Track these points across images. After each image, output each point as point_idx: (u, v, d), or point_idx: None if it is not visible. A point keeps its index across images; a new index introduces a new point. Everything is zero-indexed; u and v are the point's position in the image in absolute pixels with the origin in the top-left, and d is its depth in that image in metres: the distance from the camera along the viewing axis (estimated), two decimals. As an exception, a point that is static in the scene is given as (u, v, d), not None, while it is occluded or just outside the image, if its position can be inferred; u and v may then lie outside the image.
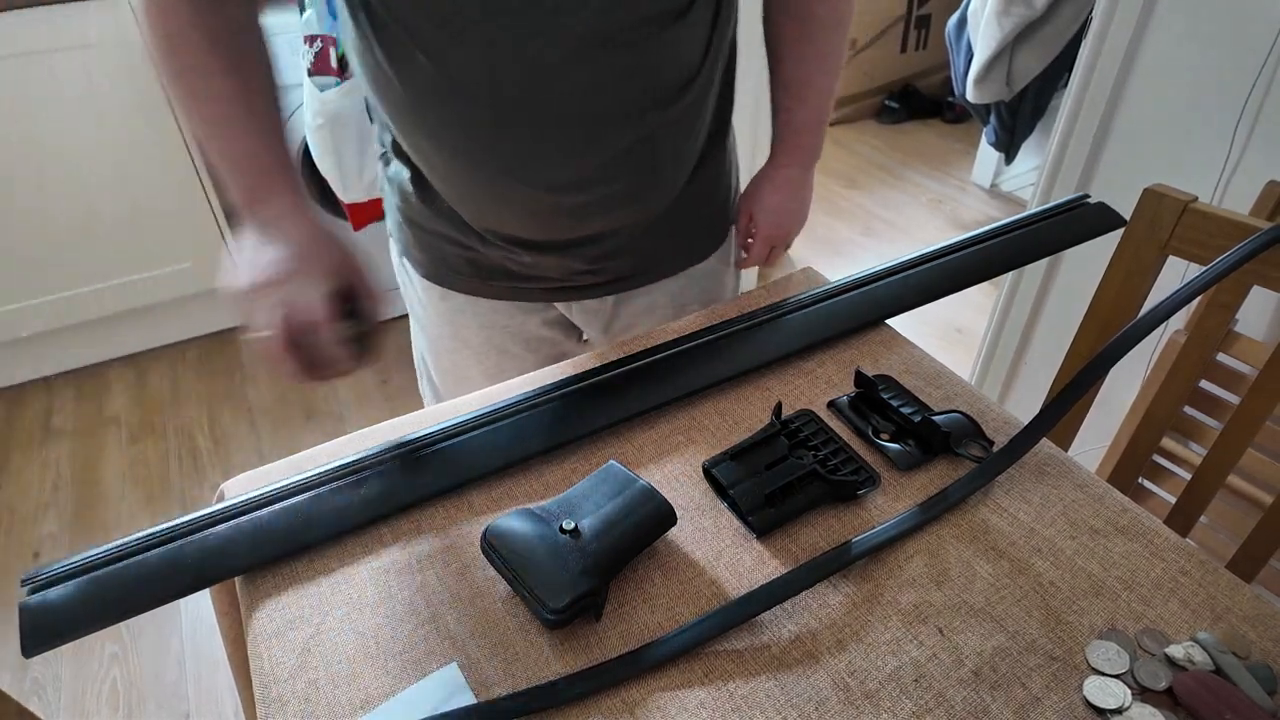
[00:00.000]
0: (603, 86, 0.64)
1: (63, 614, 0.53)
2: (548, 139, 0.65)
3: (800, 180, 0.85)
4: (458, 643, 0.52)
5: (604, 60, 0.62)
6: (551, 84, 0.62)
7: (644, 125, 0.67)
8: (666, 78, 0.67)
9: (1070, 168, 1.29)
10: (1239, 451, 0.80)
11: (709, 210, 0.83)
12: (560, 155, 0.66)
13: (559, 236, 0.74)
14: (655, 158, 0.71)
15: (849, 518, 0.59)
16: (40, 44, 1.59)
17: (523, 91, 0.62)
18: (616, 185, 0.70)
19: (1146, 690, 0.48)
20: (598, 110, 0.65)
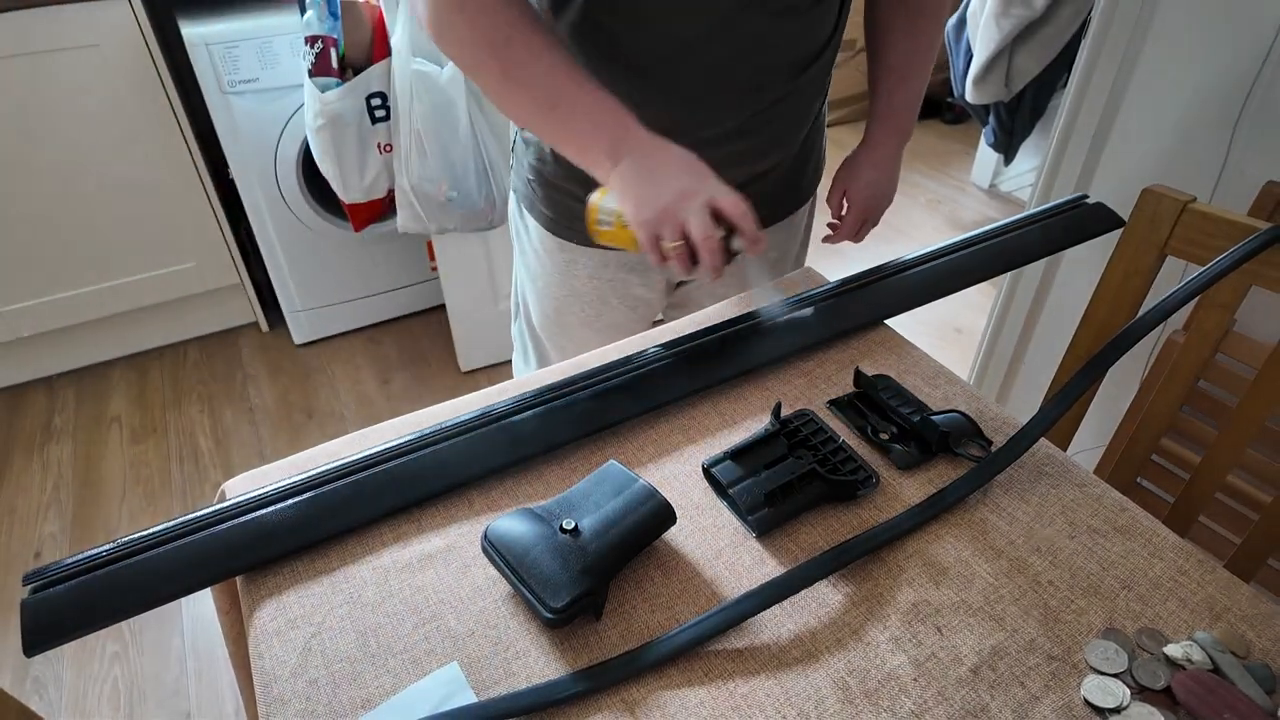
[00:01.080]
0: (761, 50, 0.72)
1: (64, 613, 0.53)
2: (705, 97, 0.74)
3: (895, 158, 0.93)
4: (458, 642, 0.52)
5: (765, 28, 0.71)
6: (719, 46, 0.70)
7: (781, 89, 0.76)
8: (805, 49, 0.76)
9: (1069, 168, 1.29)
10: (1237, 451, 0.80)
11: (806, 171, 0.92)
12: (711, 113, 0.75)
13: None
14: (784, 119, 0.80)
15: (848, 517, 0.60)
16: (43, 44, 1.59)
17: (693, 53, 0.70)
18: (751, 141, 0.79)
19: (1145, 689, 0.48)
20: (749, 72, 0.74)
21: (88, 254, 1.84)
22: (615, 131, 0.63)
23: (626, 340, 0.77)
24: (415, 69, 1.48)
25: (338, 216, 1.90)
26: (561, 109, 0.64)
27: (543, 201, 0.87)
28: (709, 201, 0.61)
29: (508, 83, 0.65)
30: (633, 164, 0.63)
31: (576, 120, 0.64)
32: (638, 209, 0.62)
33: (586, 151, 0.65)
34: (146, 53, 1.68)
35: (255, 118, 1.72)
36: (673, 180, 0.62)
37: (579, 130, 0.65)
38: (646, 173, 0.62)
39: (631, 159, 0.63)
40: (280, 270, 1.95)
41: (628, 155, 0.63)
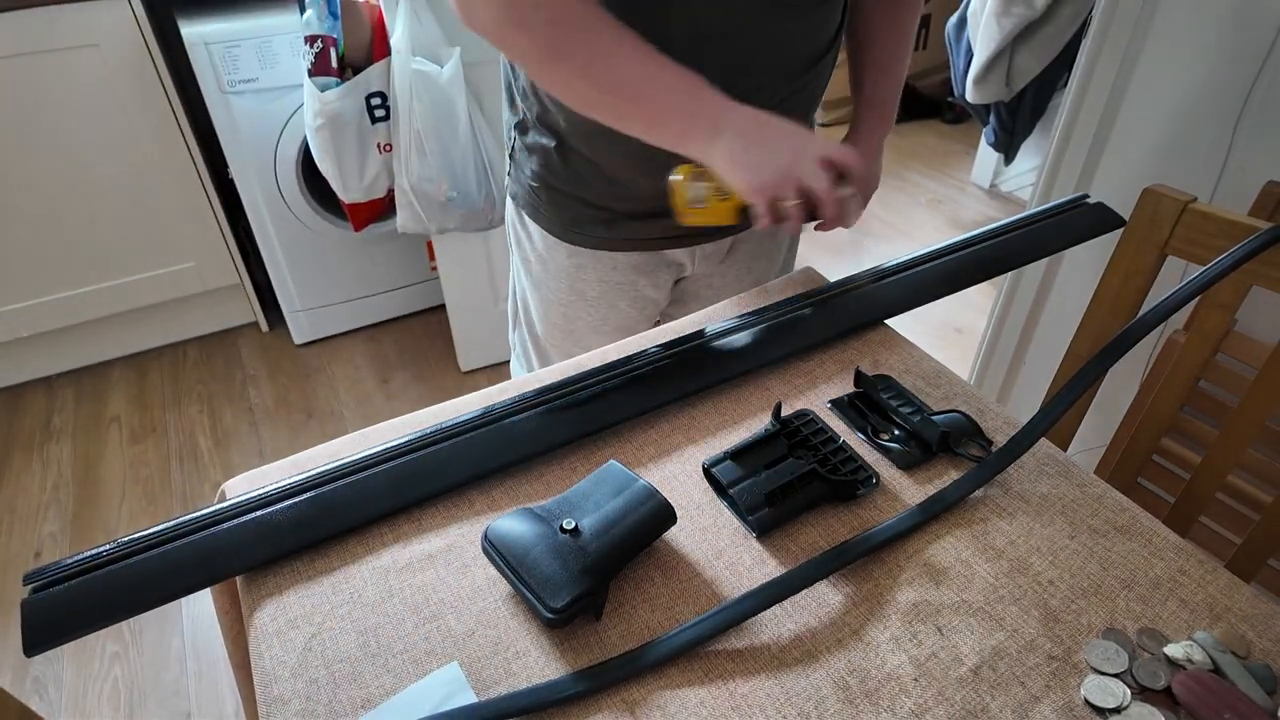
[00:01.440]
0: (774, 48, 0.73)
1: (64, 613, 0.53)
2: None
3: (880, 147, 0.95)
4: (458, 642, 0.52)
5: (779, 26, 0.72)
6: (739, 40, 0.71)
7: (785, 89, 0.77)
8: (813, 47, 0.77)
9: (1069, 168, 1.29)
10: (1238, 451, 0.80)
11: None
12: None
13: None
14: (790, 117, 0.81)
15: (848, 517, 0.60)
16: (43, 44, 1.59)
17: (712, 48, 0.70)
18: None
19: (1145, 689, 0.48)
20: (761, 70, 0.74)
21: (87, 254, 1.84)
22: (710, 107, 0.63)
23: (626, 340, 0.77)
24: (415, 68, 1.48)
25: (337, 216, 1.90)
26: (652, 95, 0.63)
27: (549, 206, 0.86)
28: (821, 156, 0.63)
29: (589, 77, 0.63)
30: (736, 135, 0.63)
31: (669, 104, 0.64)
32: (754, 175, 0.63)
33: (683, 132, 0.64)
34: (146, 52, 1.68)
35: (255, 117, 1.72)
36: (781, 142, 0.64)
37: (674, 113, 0.64)
38: (754, 140, 0.63)
39: (733, 130, 0.63)
40: (280, 270, 1.95)
41: (728, 128, 0.63)
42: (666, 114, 0.64)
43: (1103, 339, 0.85)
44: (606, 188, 0.81)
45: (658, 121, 0.65)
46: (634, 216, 0.84)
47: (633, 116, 0.65)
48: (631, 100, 0.64)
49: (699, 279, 0.97)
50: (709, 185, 0.66)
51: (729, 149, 0.63)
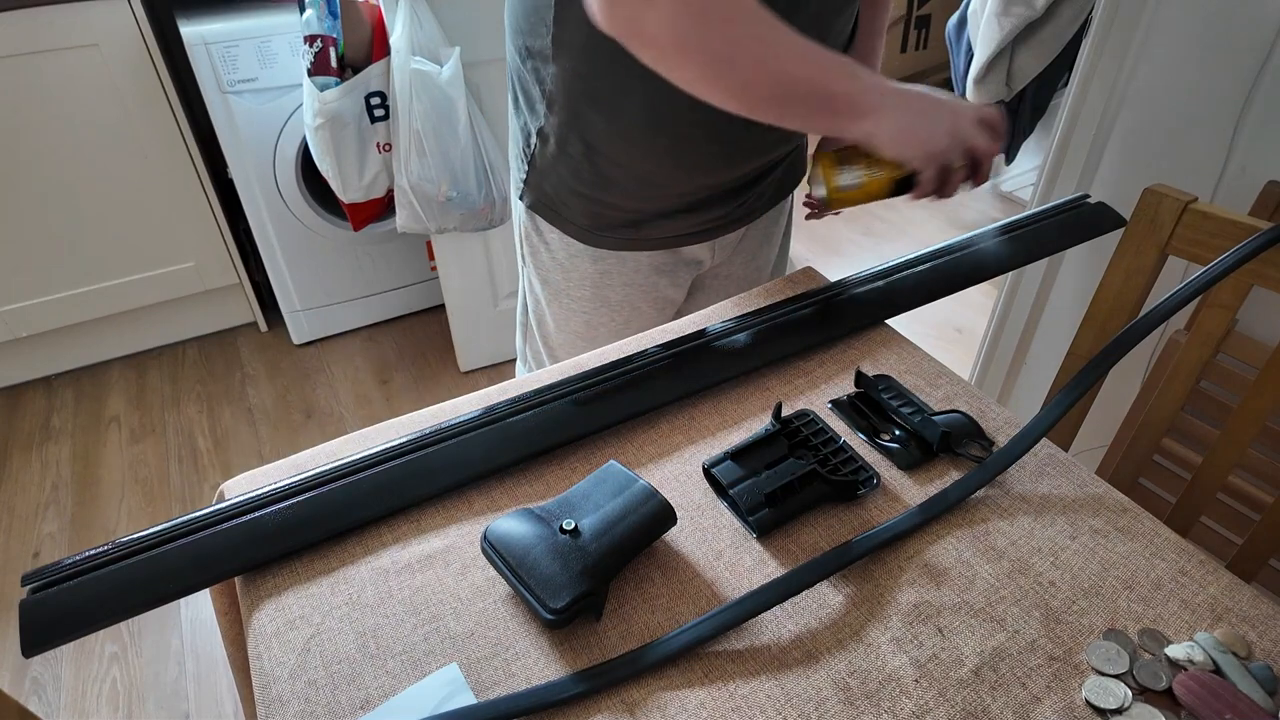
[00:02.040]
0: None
1: (63, 613, 0.53)
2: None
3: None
4: (458, 643, 0.52)
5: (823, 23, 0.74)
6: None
7: None
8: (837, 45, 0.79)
9: (1070, 168, 1.29)
10: (1240, 451, 0.80)
11: (804, 154, 0.97)
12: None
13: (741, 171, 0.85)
14: None
15: (849, 518, 0.59)
16: (42, 44, 1.59)
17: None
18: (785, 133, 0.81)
19: (1147, 690, 0.48)
20: None
21: (86, 254, 1.84)
22: (868, 88, 0.64)
23: (626, 340, 0.77)
24: (414, 68, 1.48)
25: (337, 216, 1.90)
26: (818, 83, 0.63)
27: (576, 212, 0.85)
28: (977, 117, 0.67)
29: (763, 73, 0.62)
30: (897, 109, 0.65)
31: (834, 90, 0.64)
32: (925, 146, 0.66)
33: (847, 116, 0.65)
34: (145, 52, 1.67)
35: (254, 117, 1.72)
36: (942, 111, 0.67)
37: (839, 98, 0.64)
38: (917, 113, 0.66)
39: (894, 107, 0.65)
40: (279, 270, 1.95)
41: (888, 105, 0.64)
42: (832, 100, 0.64)
43: (1104, 339, 0.85)
44: (638, 189, 0.81)
45: (824, 109, 0.65)
46: (663, 215, 0.85)
47: (798, 107, 0.64)
48: (802, 93, 0.63)
49: (710, 271, 0.98)
50: (859, 168, 0.69)
51: (894, 126, 0.65)
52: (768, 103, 0.63)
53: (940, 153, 0.66)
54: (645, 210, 0.84)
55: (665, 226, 0.86)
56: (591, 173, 0.81)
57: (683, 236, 0.88)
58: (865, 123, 0.65)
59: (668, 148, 0.77)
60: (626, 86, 0.72)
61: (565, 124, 0.79)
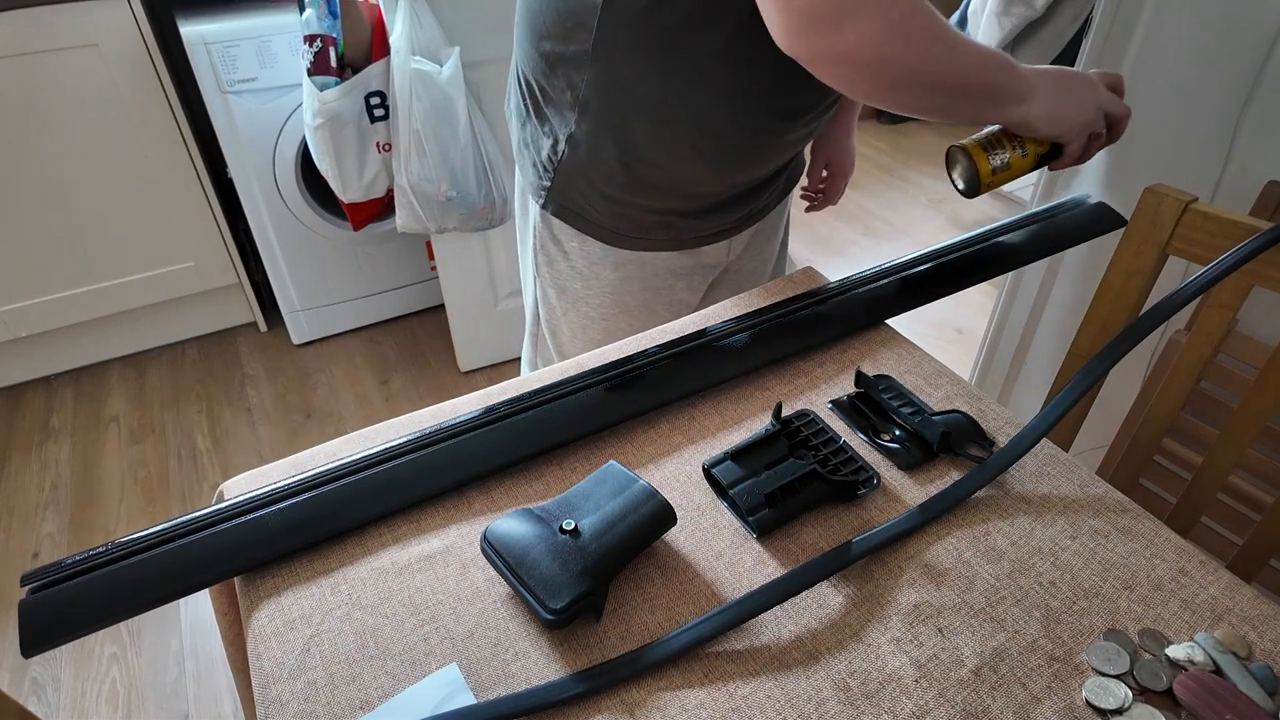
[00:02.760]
0: None
1: (62, 613, 0.53)
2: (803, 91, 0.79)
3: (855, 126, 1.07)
4: (457, 643, 0.52)
5: None
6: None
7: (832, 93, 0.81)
8: None
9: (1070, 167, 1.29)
10: (1240, 451, 0.80)
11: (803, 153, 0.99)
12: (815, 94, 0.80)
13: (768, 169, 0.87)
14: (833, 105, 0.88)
15: (849, 518, 0.59)
16: (42, 44, 1.59)
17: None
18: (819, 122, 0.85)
19: (1147, 691, 0.48)
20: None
21: (86, 254, 1.84)
22: (1018, 74, 0.68)
23: (626, 340, 0.77)
24: (414, 68, 1.48)
25: (336, 216, 1.90)
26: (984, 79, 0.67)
27: (607, 216, 0.85)
28: (1109, 83, 0.73)
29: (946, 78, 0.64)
30: (1046, 92, 0.69)
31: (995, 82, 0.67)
32: (1077, 118, 0.71)
33: (1008, 103, 0.69)
34: (145, 52, 1.67)
35: (254, 117, 1.72)
36: (1082, 84, 0.71)
37: (1001, 89, 0.68)
38: (1062, 90, 0.70)
39: (1041, 89, 0.69)
40: (279, 270, 1.95)
41: (1037, 89, 0.69)
42: (997, 92, 0.68)
43: (1104, 339, 0.85)
44: (670, 190, 0.82)
45: (990, 101, 0.68)
46: (689, 214, 0.85)
47: (967, 103, 0.68)
48: (975, 90, 0.67)
49: (720, 275, 0.98)
50: (1005, 150, 0.73)
51: (1047, 107, 0.69)
52: (942, 103, 0.67)
53: (1088, 124, 0.71)
54: (673, 210, 0.84)
55: (689, 227, 0.86)
56: (625, 176, 0.80)
57: (705, 236, 0.89)
58: (1022, 108, 0.69)
59: (711, 151, 0.78)
60: (677, 93, 0.73)
61: (599, 130, 0.78)
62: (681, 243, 0.88)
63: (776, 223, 1.00)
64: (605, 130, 0.78)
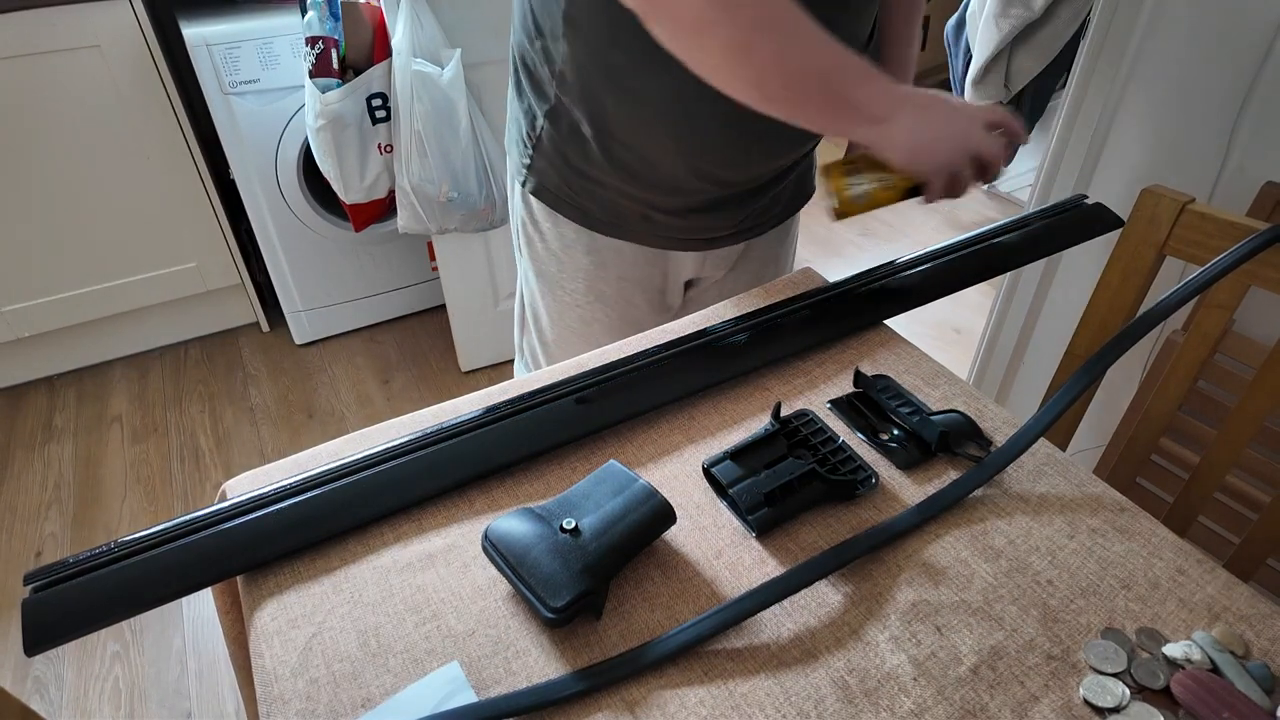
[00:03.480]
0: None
1: (65, 612, 0.53)
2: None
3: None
4: (458, 641, 0.52)
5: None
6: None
7: None
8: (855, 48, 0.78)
9: (1068, 168, 1.29)
10: (1237, 451, 0.80)
11: (811, 173, 0.96)
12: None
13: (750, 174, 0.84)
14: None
15: (848, 517, 0.60)
16: (44, 45, 1.59)
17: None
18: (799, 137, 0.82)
19: (1144, 689, 0.49)
20: None
21: (88, 254, 1.84)
22: (881, 92, 0.63)
23: (626, 340, 0.77)
24: (415, 70, 1.49)
25: (338, 217, 1.90)
26: (834, 83, 0.62)
27: (584, 198, 0.83)
28: (987, 121, 0.67)
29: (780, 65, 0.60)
30: (909, 119, 0.63)
31: (848, 91, 0.62)
32: (933, 156, 0.65)
33: (858, 120, 0.63)
34: (147, 53, 1.68)
35: (256, 118, 1.73)
36: (952, 118, 0.65)
37: (852, 101, 0.62)
38: (926, 121, 0.64)
39: (904, 114, 0.63)
40: (281, 270, 1.96)
41: (898, 112, 0.63)
42: (844, 102, 0.63)
43: (1101, 339, 0.85)
44: (646, 175, 0.80)
45: (836, 110, 0.63)
46: (665, 211, 0.84)
47: (810, 107, 0.63)
48: (815, 91, 0.62)
49: (709, 286, 0.97)
50: (869, 177, 0.68)
51: (905, 136, 0.64)
52: (781, 97, 0.62)
53: (948, 164, 0.66)
54: (652, 203, 0.83)
55: (669, 225, 0.85)
56: (602, 155, 0.79)
57: (686, 240, 0.88)
58: (876, 130, 0.63)
59: (682, 134, 0.76)
60: (646, 66, 0.71)
61: (576, 104, 0.77)
62: (660, 239, 0.87)
63: (777, 250, 0.97)
64: (580, 104, 0.77)
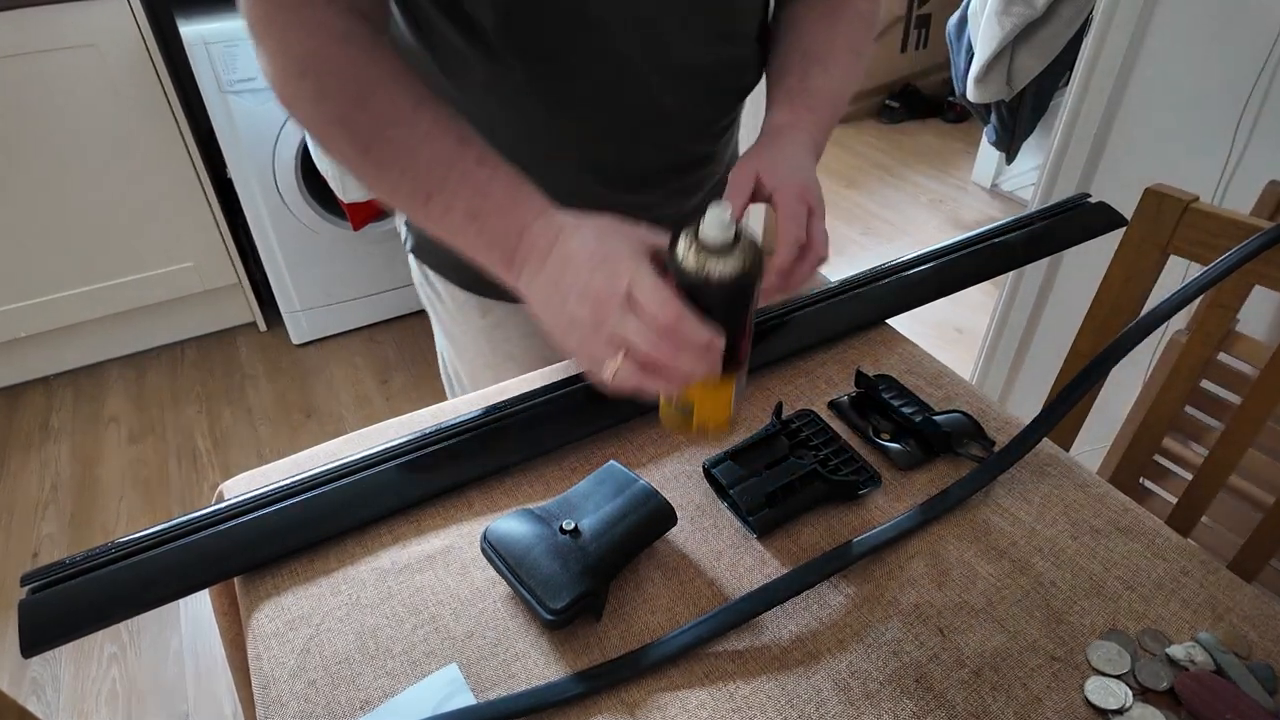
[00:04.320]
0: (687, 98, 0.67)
1: (62, 614, 0.53)
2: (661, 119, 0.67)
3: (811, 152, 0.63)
4: (457, 643, 0.52)
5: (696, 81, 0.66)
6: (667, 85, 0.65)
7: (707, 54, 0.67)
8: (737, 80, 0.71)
9: (1071, 167, 1.29)
10: (1240, 451, 0.80)
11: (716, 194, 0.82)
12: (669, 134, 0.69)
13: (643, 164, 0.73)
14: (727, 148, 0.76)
15: (849, 518, 0.59)
16: (41, 44, 1.58)
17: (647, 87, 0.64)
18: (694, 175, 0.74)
19: (1148, 690, 0.48)
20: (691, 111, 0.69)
21: (85, 254, 1.84)
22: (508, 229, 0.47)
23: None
24: (414, 68, 1.48)
25: (336, 216, 1.90)
26: (440, 198, 0.48)
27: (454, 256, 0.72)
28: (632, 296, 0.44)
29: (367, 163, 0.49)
30: (533, 275, 0.47)
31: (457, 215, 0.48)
32: (560, 334, 0.47)
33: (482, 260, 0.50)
34: (145, 52, 1.67)
35: (254, 117, 1.72)
36: (583, 282, 0.45)
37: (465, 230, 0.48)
38: (553, 282, 0.47)
39: (530, 269, 0.47)
40: (278, 270, 1.95)
41: (526, 265, 0.47)
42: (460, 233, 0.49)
43: (1105, 339, 0.85)
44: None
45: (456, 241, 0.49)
46: None
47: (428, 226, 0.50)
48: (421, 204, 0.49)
49: None
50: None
51: (532, 297, 0.48)
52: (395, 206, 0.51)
53: (576, 348, 0.46)
54: None
55: None
56: None
57: None
58: (510, 276, 0.48)
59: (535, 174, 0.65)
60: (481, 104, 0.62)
61: None
62: None
63: None
64: None
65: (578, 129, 0.66)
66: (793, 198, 0.56)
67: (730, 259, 0.44)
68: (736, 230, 0.45)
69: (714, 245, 0.44)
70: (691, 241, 0.45)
